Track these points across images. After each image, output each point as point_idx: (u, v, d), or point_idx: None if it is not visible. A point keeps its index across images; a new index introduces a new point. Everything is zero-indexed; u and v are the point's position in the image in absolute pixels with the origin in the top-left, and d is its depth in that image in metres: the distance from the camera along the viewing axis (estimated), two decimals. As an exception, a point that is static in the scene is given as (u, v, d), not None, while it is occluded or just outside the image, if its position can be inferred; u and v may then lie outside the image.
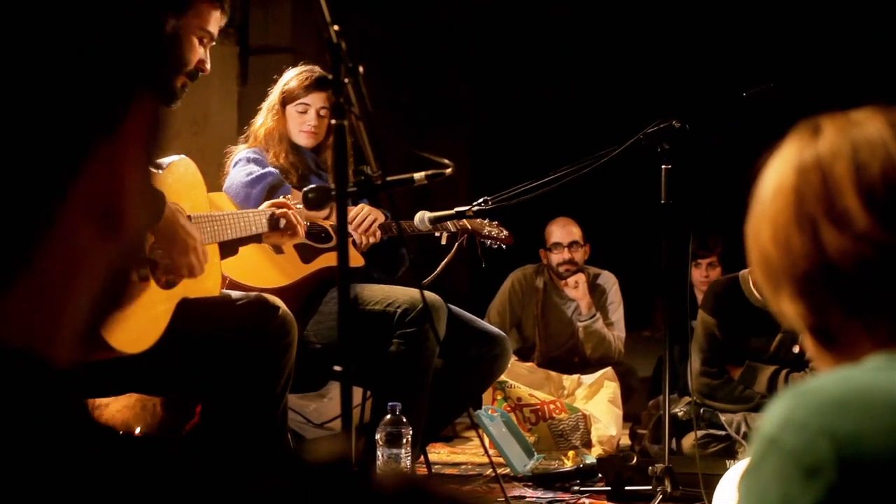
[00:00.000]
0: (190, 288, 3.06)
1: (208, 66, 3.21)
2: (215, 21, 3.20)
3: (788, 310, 1.19)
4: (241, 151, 4.03)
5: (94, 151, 0.63)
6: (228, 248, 3.38)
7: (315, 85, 3.98)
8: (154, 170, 2.40)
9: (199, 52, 3.17)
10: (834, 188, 1.14)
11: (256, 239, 3.47)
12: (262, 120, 4.09)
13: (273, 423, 3.09)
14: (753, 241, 1.22)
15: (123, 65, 0.63)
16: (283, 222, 3.47)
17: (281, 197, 3.69)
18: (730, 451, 4.79)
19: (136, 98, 0.65)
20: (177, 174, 3.14)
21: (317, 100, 4.00)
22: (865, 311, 1.13)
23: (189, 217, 3.01)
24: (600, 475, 4.61)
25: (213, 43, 3.24)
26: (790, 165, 1.19)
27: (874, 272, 1.12)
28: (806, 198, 1.16)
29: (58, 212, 0.62)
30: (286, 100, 4.04)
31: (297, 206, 3.53)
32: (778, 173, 1.20)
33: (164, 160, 3.17)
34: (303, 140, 4.05)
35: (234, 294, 3.20)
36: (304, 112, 4.03)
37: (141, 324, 2.85)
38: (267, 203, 3.53)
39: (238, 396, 3.01)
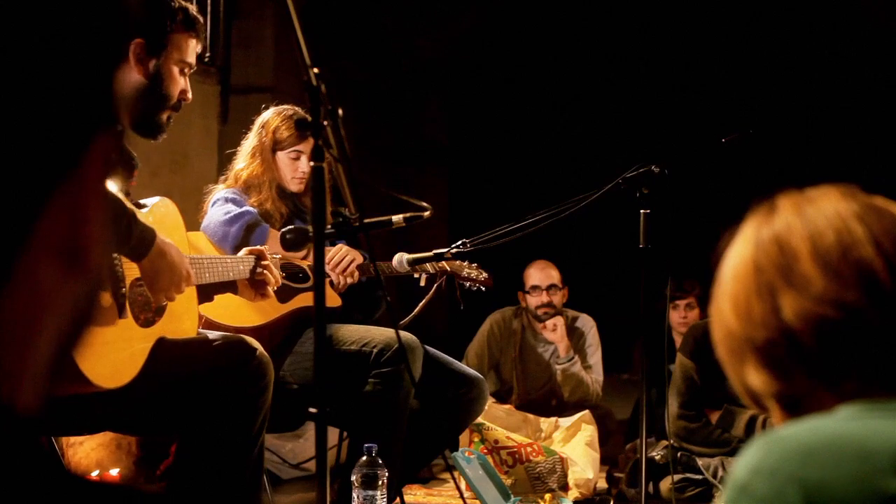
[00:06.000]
0: (168, 328, 3.06)
1: (189, 94, 3.29)
2: (192, 49, 3.30)
3: (754, 381, 1.21)
4: (219, 191, 4.03)
5: (55, 190, 0.62)
6: (203, 295, 3.36)
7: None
8: (136, 208, 2.39)
9: (181, 84, 3.26)
10: (791, 256, 1.19)
11: (232, 288, 3.44)
12: (246, 164, 4.07)
13: (249, 463, 3.07)
14: (717, 319, 1.26)
15: (82, 104, 0.63)
16: (258, 270, 3.42)
17: (258, 242, 3.66)
18: (706, 495, 4.79)
19: (95, 136, 0.64)
20: (158, 215, 3.15)
21: (309, 146, 3.98)
22: (829, 372, 1.15)
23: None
24: (577, 519, 4.60)
25: (193, 70, 3.32)
26: (748, 243, 1.24)
27: (833, 333, 1.15)
28: (764, 268, 1.20)
29: (21, 252, 0.61)
30: (277, 147, 4.03)
31: (275, 256, 3.51)
32: (737, 252, 1.25)
33: (147, 200, 3.17)
34: (295, 186, 4.04)
35: (212, 334, 3.19)
36: (297, 158, 4.02)
37: (119, 359, 2.83)
38: (245, 250, 3.50)
39: (214, 436, 3.00)
